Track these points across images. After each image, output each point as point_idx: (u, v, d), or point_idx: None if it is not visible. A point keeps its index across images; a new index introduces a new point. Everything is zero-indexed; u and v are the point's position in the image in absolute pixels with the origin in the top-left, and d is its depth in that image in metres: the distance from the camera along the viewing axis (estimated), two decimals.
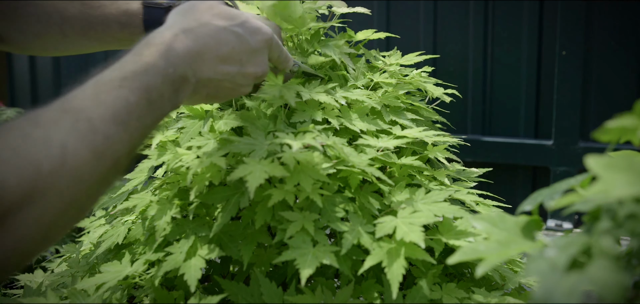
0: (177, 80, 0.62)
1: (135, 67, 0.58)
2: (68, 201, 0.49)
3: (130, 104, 0.55)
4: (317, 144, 0.71)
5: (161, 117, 0.61)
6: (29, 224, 0.46)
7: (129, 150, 0.56)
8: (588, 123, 2.24)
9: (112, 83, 0.55)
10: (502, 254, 0.48)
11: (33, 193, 0.46)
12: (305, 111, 0.80)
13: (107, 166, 0.53)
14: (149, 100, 0.58)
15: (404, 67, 0.96)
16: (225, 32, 0.68)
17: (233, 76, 0.69)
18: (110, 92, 0.54)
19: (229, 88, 0.70)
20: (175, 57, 0.62)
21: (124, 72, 0.57)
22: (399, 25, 2.51)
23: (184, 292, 0.71)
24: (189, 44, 0.64)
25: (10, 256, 0.45)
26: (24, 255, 0.48)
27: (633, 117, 0.45)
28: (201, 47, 0.65)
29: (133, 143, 0.56)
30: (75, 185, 0.49)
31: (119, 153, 0.54)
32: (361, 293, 0.70)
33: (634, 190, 0.39)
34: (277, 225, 0.70)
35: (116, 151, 0.54)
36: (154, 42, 0.62)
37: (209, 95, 0.70)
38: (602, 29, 2.19)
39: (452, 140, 0.86)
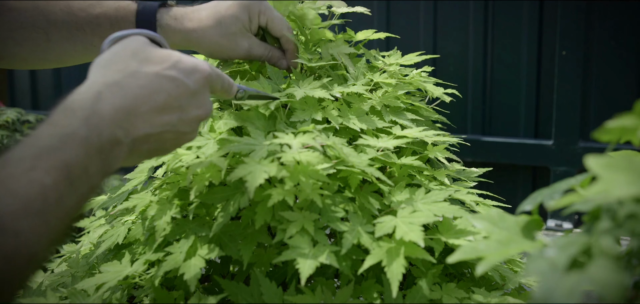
0: (105, 147, 0.54)
1: (51, 142, 0.50)
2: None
3: (46, 188, 0.48)
4: (316, 144, 0.71)
5: (89, 192, 0.54)
6: None
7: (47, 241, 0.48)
8: (588, 123, 2.24)
9: (22, 165, 0.48)
10: (502, 253, 0.48)
11: None
12: (305, 110, 0.80)
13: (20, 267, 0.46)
14: (69, 179, 0.50)
15: (404, 67, 0.96)
16: (158, 78, 0.60)
17: (174, 125, 0.62)
18: (21, 178, 0.47)
19: (172, 139, 0.63)
20: (99, 121, 0.54)
21: (37, 149, 0.49)
22: (399, 25, 2.51)
23: (184, 292, 0.71)
24: (115, 101, 0.56)
25: None
26: None
27: (633, 117, 0.45)
28: (131, 102, 0.57)
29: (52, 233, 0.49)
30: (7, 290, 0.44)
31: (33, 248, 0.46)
32: (361, 292, 0.70)
33: (634, 190, 0.39)
34: (277, 224, 0.70)
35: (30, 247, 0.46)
36: (72, 107, 0.54)
37: (151, 150, 0.62)
38: (602, 29, 2.19)
39: (452, 140, 0.86)
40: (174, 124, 0.62)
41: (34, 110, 3.51)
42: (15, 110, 3.02)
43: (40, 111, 3.45)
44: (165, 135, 0.62)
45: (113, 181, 2.17)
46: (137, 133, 0.58)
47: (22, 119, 3.00)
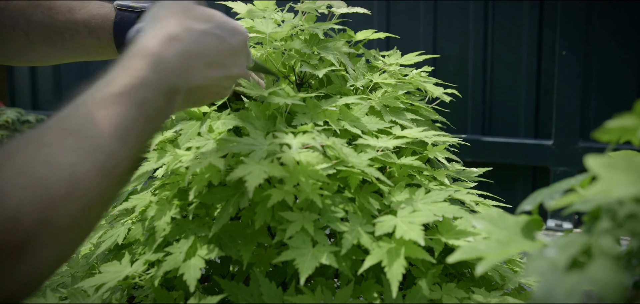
0: (169, 92, 0.61)
1: (128, 82, 0.57)
2: (79, 223, 0.49)
3: (128, 120, 0.55)
4: (316, 144, 0.71)
5: (156, 129, 0.60)
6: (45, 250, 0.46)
7: (130, 165, 0.55)
8: (588, 123, 2.24)
9: (107, 100, 0.54)
10: (502, 253, 0.48)
11: (48, 219, 0.45)
12: (306, 114, 0.80)
13: (113, 184, 0.53)
14: (145, 115, 0.57)
15: (404, 67, 0.96)
16: (208, 35, 0.66)
17: (219, 80, 0.68)
18: (108, 109, 0.54)
19: (214, 92, 0.69)
20: (166, 69, 0.60)
21: (117, 88, 0.56)
22: (399, 25, 2.51)
23: (184, 292, 0.71)
24: (177, 52, 0.62)
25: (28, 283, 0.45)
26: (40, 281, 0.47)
27: (633, 116, 0.45)
28: (189, 55, 0.63)
29: (133, 159, 0.56)
30: (86, 207, 0.49)
31: (122, 169, 0.54)
32: (361, 293, 0.70)
33: (634, 190, 0.39)
34: (276, 225, 0.70)
35: (120, 168, 0.53)
36: (141, 53, 0.60)
37: (196, 101, 0.69)
38: (602, 29, 2.19)
39: (452, 140, 0.86)
40: (219, 79, 0.68)
41: (34, 110, 3.51)
42: (15, 110, 3.02)
43: (40, 111, 3.45)
44: (211, 88, 0.68)
45: None
46: (191, 83, 0.64)
47: (22, 119, 2.99)
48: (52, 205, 0.46)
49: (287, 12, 0.96)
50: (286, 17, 0.94)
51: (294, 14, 0.95)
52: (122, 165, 0.53)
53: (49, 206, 0.45)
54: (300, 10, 0.94)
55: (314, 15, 0.94)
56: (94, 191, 0.50)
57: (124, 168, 0.54)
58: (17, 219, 0.43)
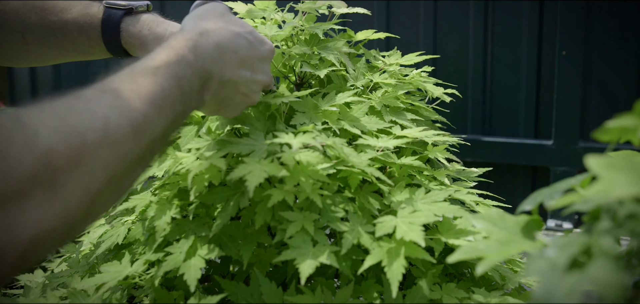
0: (204, 75, 0.65)
1: (168, 58, 0.61)
2: (111, 173, 0.51)
3: (165, 90, 0.58)
4: (316, 144, 0.71)
5: (190, 109, 0.63)
6: (77, 191, 0.47)
7: (163, 134, 0.58)
8: (588, 123, 2.24)
9: (146, 71, 0.58)
10: (502, 253, 0.48)
11: (79, 161, 0.47)
12: (305, 113, 0.80)
13: (145, 144, 0.55)
14: (181, 90, 0.60)
15: (404, 67, 0.96)
16: (239, 37, 0.71)
17: (247, 81, 0.71)
18: (146, 78, 0.57)
19: (242, 94, 0.72)
20: (202, 53, 0.65)
21: (157, 62, 0.60)
22: (399, 25, 2.51)
23: (184, 292, 0.71)
24: (213, 43, 0.67)
25: (60, 223, 0.46)
26: (72, 226, 0.48)
27: (633, 116, 0.45)
28: (223, 48, 0.68)
29: (166, 129, 0.58)
30: (117, 158, 0.51)
31: (154, 134, 0.56)
32: (361, 292, 0.70)
33: (634, 190, 0.39)
34: (277, 225, 0.70)
35: (152, 131, 0.56)
36: (181, 38, 0.65)
37: (226, 99, 0.71)
38: (602, 28, 2.19)
39: (452, 140, 0.86)
40: (247, 79, 0.71)
41: None
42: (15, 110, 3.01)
43: None
44: (240, 87, 0.71)
45: None
46: (224, 75, 0.68)
47: None
48: (83, 149, 0.47)
49: (287, 12, 0.96)
50: (286, 17, 0.94)
51: (294, 14, 0.95)
52: (155, 130, 0.56)
53: (81, 149, 0.47)
54: (300, 11, 0.94)
55: (314, 15, 0.94)
56: (126, 146, 0.52)
57: (157, 134, 0.56)
58: (49, 156, 0.44)
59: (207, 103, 0.69)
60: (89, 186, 0.48)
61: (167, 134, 0.59)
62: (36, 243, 0.44)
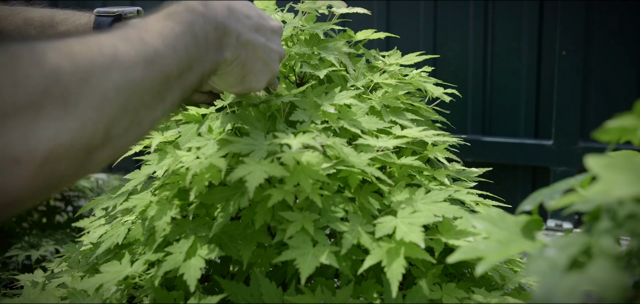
0: (219, 27, 0.65)
1: (178, 7, 0.61)
2: (125, 99, 0.51)
3: (176, 32, 0.58)
4: (316, 144, 0.71)
5: (206, 57, 0.63)
6: (90, 109, 0.48)
7: (178, 73, 0.58)
8: (588, 123, 2.24)
9: (157, 17, 0.59)
10: (502, 253, 0.48)
11: (89, 79, 0.48)
12: (306, 110, 0.80)
13: (158, 76, 0.55)
14: (194, 35, 0.60)
15: (404, 67, 0.96)
16: (249, 6, 0.72)
17: (263, 47, 0.72)
18: (157, 22, 0.58)
19: (262, 60, 0.72)
20: (213, 7, 0.65)
21: (167, 11, 0.60)
22: (399, 25, 2.50)
23: (184, 292, 0.71)
24: (223, 4, 0.67)
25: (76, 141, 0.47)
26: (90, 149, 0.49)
27: (633, 117, 0.45)
28: (234, 10, 0.68)
29: (181, 68, 0.58)
30: (129, 83, 0.51)
31: (167, 69, 0.56)
32: (361, 292, 0.70)
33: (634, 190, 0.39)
34: (277, 225, 0.70)
35: (166, 65, 0.56)
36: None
37: (247, 63, 0.71)
38: (602, 28, 2.19)
39: (452, 140, 0.86)
40: (263, 45, 0.72)
41: None
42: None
43: None
44: (258, 52, 0.72)
45: (113, 181, 2.17)
46: (241, 34, 0.68)
47: None
48: (92, 69, 0.48)
49: (287, 12, 0.96)
50: (286, 17, 0.94)
51: (294, 14, 0.95)
52: (168, 65, 0.56)
53: (90, 70, 0.48)
54: (300, 11, 0.94)
55: (314, 15, 0.94)
56: (137, 72, 0.52)
57: (171, 70, 0.56)
58: (58, 73, 0.45)
59: (230, 66, 0.69)
60: (103, 107, 0.49)
61: (183, 75, 0.59)
62: (52, 158, 0.45)
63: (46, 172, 0.45)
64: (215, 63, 0.65)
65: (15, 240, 1.76)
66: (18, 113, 0.43)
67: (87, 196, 2.03)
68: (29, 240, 1.74)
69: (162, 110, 0.57)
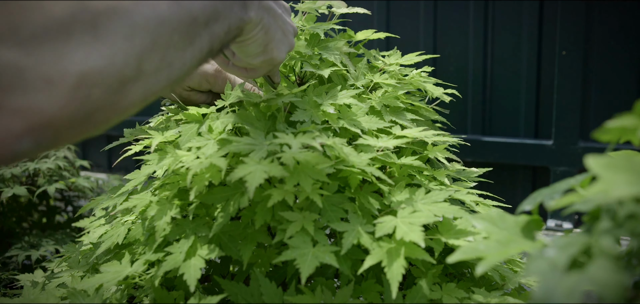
0: None
1: None
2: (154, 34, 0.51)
3: None
4: (316, 144, 0.71)
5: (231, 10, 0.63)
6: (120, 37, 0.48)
7: (205, 18, 0.58)
8: (588, 123, 2.24)
9: None
10: (502, 253, 0.48)
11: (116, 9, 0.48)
12: (306, 110, 0.80)
13: (185, 17, 0.55)
14: None
15: (404, 67, 0.96)
16: None
17: (281, 16, 0.73)
18: None
19: (281, 30, 0.74)
20: None
21: None
22: (399, 25, 2.51)
23: (184, 292, 0.71)
24: None
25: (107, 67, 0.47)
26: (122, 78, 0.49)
27: (633, 116, 0.45)
28: None
29: (207, 14, 0.58)
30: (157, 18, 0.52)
31: (195, 11, 0.56)
32: (361, 293, 0.70)
33: (634, 190, 0.39)
34: (277, 225, 0.70)
35: (192, 8, 0.56)
36: None
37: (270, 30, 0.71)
38: (602, 28, 2.19)
39: (452, 140, 0.86)
40: (281, 15, 0.74)
41: None
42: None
43: None
44: (278, 21, 0.73)
45: (113, 181, 2.17)
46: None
47: None
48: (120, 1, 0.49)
49: None
50: None
51: (294, 14, 0.95)
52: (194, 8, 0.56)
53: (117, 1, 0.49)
54: (300, 11, 0.94)
55: (314, 15, 0.94)
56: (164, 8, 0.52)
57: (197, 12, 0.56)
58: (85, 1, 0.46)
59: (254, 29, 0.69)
60: (132, 37, 0.49)
61: (209, 24, 0.59)
62: (86, 81, 0.46)
63: (81, 95, 0.46)
64: (241, 21, 0.65)
65: (15, 240, 1.76)
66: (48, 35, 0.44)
67: (87, 196, 2.03)
68: (29, 240, 1.74)
69: (191, 54, 0.57)
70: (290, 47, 0.77)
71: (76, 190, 1.97)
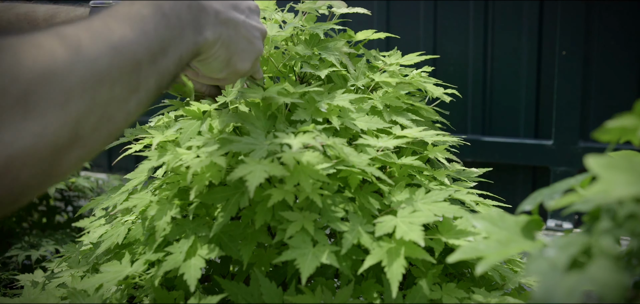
0: (193, 6, 0.61)
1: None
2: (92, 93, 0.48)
3: (144, 16, 0.55)
4: (317, 144, 0.71)
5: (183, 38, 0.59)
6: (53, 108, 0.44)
7: (150, 57, 0.54)
8: (588, 123, 2.24)
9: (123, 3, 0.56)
10: (501, 253, 0.48)
11: (50, 76, 0.44)
12: (306, 109, 0.80)
13: (127, 64, 0.51)
14: (164, 15, 0.56)
15: (404, 67, 0.96)
16: None
17: (245, 24, 0.70)
18: (123, 6, 0.55)
19: (246, 38, 0.70)
20: None
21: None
22: (399, 25, 2.51)
23: (184, 292, 0.71)
24: None
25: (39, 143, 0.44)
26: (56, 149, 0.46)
27: (633, 116, 0.45)
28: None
29: (153, 52, 0.54)
30: (96, 75, 0.48)
31: (138, 55, 0.52)
32: (361, 292, 0.70)
33: (634, 190, 0.39)
34: (277, 224, 0.70)
35: (135, 52, 0.52)
36: None
37: (232, 43, 0.68)
38: (602, 29, 2.19)
39: (452, 140, 0.86)
40: (244, 23, 0.70)
41: None
42: None
43: None
44: (241, 29, 0.69)
45: (113, 181, 2.17)
46: (219, 11, 0.65)
47: None
48: (53, 65, 0.45)
49: (287, 12, 0.96)
50: (287, 17, 0.94)
51: (294, 14, 0.95)
52: (137, 50, 0.52)
53: (51, 65, 0.44)
54: (300, 11, 0.94)
55: (314, 15, 0.94)
56: (104, 62, 0.49)
57: (140, 55, 0.53)
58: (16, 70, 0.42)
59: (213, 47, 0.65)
60: (67, 104, 0.45)
61: (156, 61, 0.55)
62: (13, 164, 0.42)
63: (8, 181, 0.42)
64: (195, 45, 0.61)
65: (15, 240, 1.76)
66: None
67: (87, 196, 2.03)
68: (29, 240, 1.74)
69: (136, 101, 0.53)
70: (258, 53, 0.73)
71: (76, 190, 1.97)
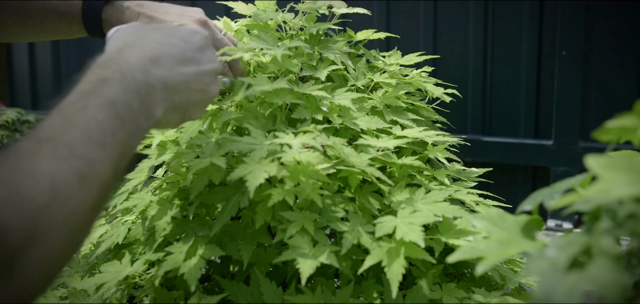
0: (142, 89, 0.59)
1: (92, 86, 0.55)
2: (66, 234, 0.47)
3: (100, 122, 0.53)
4: (317, 144, 0.71)
5: (137, 132, 0.58)
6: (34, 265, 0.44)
7: (112, 172, 0.53)
8: (588, 123, 2.24)
9: (76, 106, 0.53)
10: (502, 253, 0.48)
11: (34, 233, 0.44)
12: (307, 108, 0.80)
13: (94, 191, 0.50)
14: (117, 114, 0.55)
15: (404, 67, 0.96)
16: (167, 37, 0.66)
17: (196, 76, 0.66)
18: (77, 114, 0.52)
19: (198, 91, 0.67)
20: (129, 66, 0.59)
21: (83, 93, 0.55)
22: (399, 25, 2.51)
23: (184, 292, 0.71)
24: (138, 53, 0.61)
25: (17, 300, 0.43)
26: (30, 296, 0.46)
27: (633, 116, 0.45)
28: (151, 53, 0.62)
29: (114, 164, 0.54)
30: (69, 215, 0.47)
31: (102, 175, 0.51)
32: (361, 292, 0.70)
33: (634, 190, 0.39)
34: (277, 224, 0.70)
35: (100, 173, 0.51)
36: (101, 61, 0.60)
37: (183, 104, 0.66)
38: (602, 28, 2.19)
39: (452, 140, 0.86)
40: (195, 75, 0.66)
41: (34, 110, 3.51)
42: (15, 110, 3.02)
43: (40, 111, 3.45)
44: (192, 85, 0.66)
45: None
46: (167, 80, 0.63)
47: (22, 119, 2.99)
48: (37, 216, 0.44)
49: (287, 12, 0.96)
50: (287, 17, 0.94)
51: (295, 14, 0.95)
52: (101, 171, 0.51)
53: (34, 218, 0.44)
54: (300, 11, 0.94)
55: (314, 15, 0.94)
56: (76, 200, 0.48)
57: (104, 175, 0.52)
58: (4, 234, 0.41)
59: (166, 117, 0.64)
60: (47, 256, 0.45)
61: (115, 170, 0.54)
62: None
63: None
64: (147, 130, 0.60)
65: None
66: None
67: None
68: None
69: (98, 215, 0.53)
70: (212, 96, 0.70)
71: None
